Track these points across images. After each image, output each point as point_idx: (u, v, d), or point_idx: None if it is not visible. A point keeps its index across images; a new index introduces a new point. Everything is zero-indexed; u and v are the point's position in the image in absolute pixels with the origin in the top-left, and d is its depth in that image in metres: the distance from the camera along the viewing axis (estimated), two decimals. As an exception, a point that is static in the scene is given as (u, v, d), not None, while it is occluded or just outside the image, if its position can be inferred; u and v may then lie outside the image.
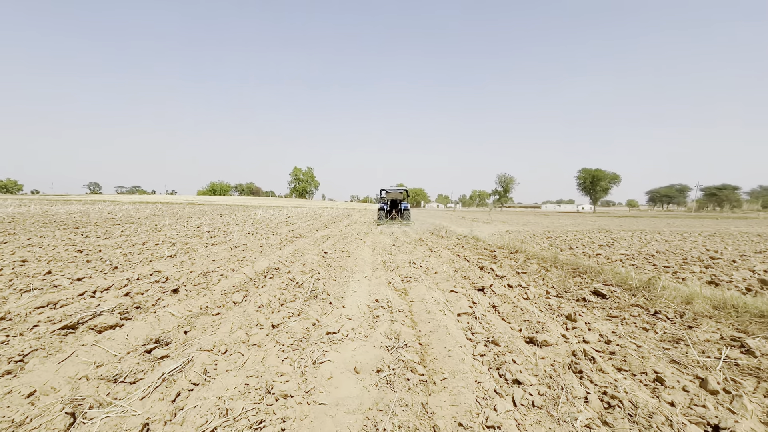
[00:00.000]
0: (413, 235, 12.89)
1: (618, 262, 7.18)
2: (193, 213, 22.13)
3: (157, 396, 2.22)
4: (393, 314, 3.83)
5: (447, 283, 5.39)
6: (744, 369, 2.67)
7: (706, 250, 9.24)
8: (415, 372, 2.57)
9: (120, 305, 3.68)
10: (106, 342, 2.86)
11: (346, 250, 8.47)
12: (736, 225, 23.98)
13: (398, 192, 19.81)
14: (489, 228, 18.25)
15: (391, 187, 20.22)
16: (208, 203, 48.85)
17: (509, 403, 2.22)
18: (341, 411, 2.13)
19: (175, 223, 13.89)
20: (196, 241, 8.70)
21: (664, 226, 22.30)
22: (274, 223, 16.32)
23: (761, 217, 45.29)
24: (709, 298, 4.18)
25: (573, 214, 66.85)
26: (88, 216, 15.62)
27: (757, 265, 6.79)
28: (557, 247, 9.79)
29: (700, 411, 2.15)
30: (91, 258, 5.97)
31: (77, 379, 2.39)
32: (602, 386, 2.42)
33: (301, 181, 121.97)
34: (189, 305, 3.92)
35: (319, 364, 2.66)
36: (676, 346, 3.14)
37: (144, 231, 10.50)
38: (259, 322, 3.56)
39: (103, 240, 8.31)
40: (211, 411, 2.04)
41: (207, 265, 5.79)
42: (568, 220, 30.91)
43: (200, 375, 2.47)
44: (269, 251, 7.73)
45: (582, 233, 14.94)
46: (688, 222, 29.17)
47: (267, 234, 11.13)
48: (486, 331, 3.40)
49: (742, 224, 25.61)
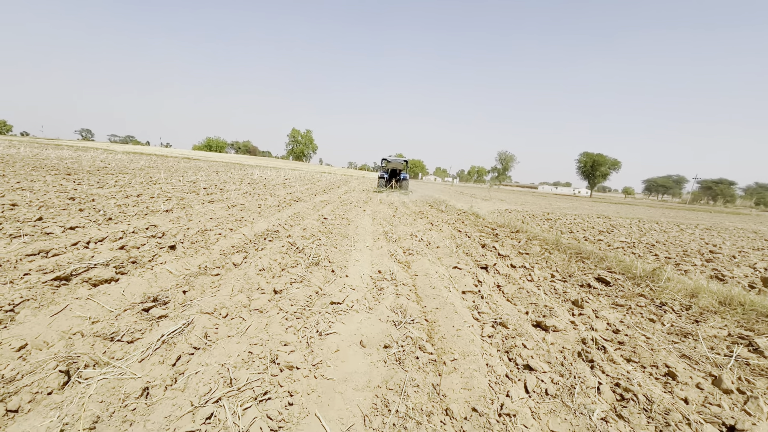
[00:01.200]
0: (413, 207, 12.75)
1: (619, 250, 7.15)
2: (189, 168, 21.64)
3: (157, 359, 2.11)
4: (397, 287, 3.74)
5: (450, 258, 5.30)
6: (755, 369, 2.63)
7: (705, 244, 9.25)
8: (424, 350, 2.49)
9: (115, 258, 3.53)
10: (102, 297, 2.72)
11: (346, 217, 8.32)
12: (730, 220, 24.16)
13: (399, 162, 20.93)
14: (488, 205, 18.17)
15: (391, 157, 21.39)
16: (204, 159, 47.90)
17: (522, 389, 2.16)
18: (350, 387, 2.05)
19: (170, 177, 13.55)
20: (192, 197, 8.47)
21: (660, 215, 22.39)
22: (271, 184, 16.03)
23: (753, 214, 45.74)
24: (715, 293, 4.13)
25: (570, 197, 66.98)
26: (80, 163, 15.17)
27: (757, 262, 6.79)
28: (558, 229, 9.74)
29: (716, 410, 2.11)
30: (84, 207, 5.75)
31: (71, 334, 2.27)
32: (614, 377, 2.37)
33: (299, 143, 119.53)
34: (187, 263, 3.78)
35: (324, 335, 2.56)
36: (684, 339, 3.10)
37: (138, 183, 10.20)
38: (260, 286, 3.45)
39: (96, 189, 8.04)
40: (214, 379, 1.94)
41: (204, 223, 5.61)
42: (566, 203, 30.92)
43: (201, 339, 2.36)
44: (268, 213, 7.55)
45: (581, 217, 14.91)
46: (682, 213, 29.33)
47: (265, 195, 10.90)
48: (493, 312, 3.33)
49: (735, 219, 25.82)
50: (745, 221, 24.15)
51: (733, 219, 26.52)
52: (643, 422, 1.94)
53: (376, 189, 19.68)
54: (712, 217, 26.44)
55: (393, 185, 20.46)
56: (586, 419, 1.92)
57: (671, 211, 31.80)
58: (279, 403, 1.81)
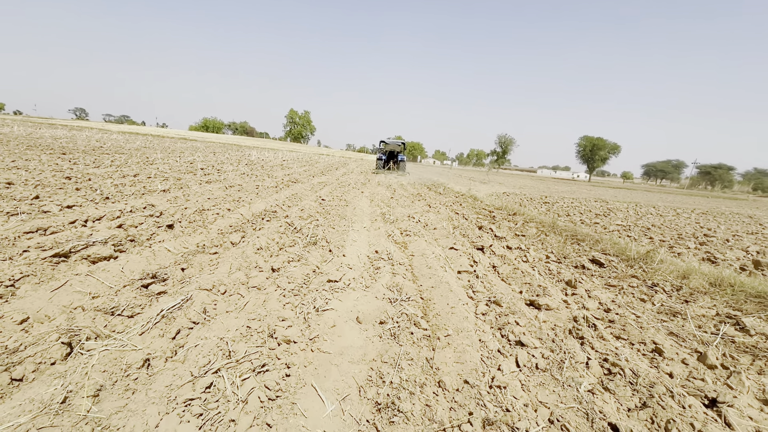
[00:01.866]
0: (411, 189, 12.75)
1: (615, 233, 7.21)
2: (186, 148, 21.44)
3: (157, 332, 2.16)
4: (394, 267, 3.79)
5: (446, 239, 5.34)
6: (740, 346, 2.71)
7: (700, 228, 9.33)
8: (419, 326, 2.55)
9: (113, 236, 3.55)
10: (101, 273, 2.75)
11: (344, 199, 8.32)
12: (727, 205, 24.28)
13: (397, 144, 21.72)
14: (486, 188, 18.16)
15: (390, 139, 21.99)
16: (201, 139, 47.38)
17: (513, 364, 2.22)
18: (346, 360, 2.10)
19: (167, 157, 13.44)
20: (189, 178, 8.43)
21: (658, 200, 22.46)
22: (269, 165, 15.94)
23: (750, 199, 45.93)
24: (706, 274, 4.20)
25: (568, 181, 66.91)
26: (75, 142, 14.99)
27: (750, 245, 6.87)
28: (555, 212, 9.78)
29: (699, 384, 2.18)
30: (80, 186, 5.73)
31: (72, 308, 2.31)
32: (603, 353, 2.44)
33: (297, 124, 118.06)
34: (185, 242, 3.80)
35: (321, 311, 2.61)
36: (673, 318, 3.18)
37: (135, 163, 10.13)
38: (258, 264, 3.48)
39: (92, 168, 7.99)
40: (213, 351, 1.99)
41: (202, 203, 5.62)
42: (564, 187, 30.91)
43: (200, 314, 2.41)
44: (265, 194, 7.55)
45: (578, 201, 14.95)
46: (680, 198, 29.43)
47: (262, 176, 10.86)
48: (487, 291, 3.39)
49: (732, 204, 25.94)
50: (741, 206, 24.27)
51: (729, 204, 26.64)
52: (628, 394, 2.02)
53: (375, 170, 20.54)
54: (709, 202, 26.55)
55: (391, 167, 21.18)
56: (573, 391, 1.99)
57: (669, 196, 31.87)
58: (276, 375, 1.86)
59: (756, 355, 2.59)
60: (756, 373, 2.41)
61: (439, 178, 22.73)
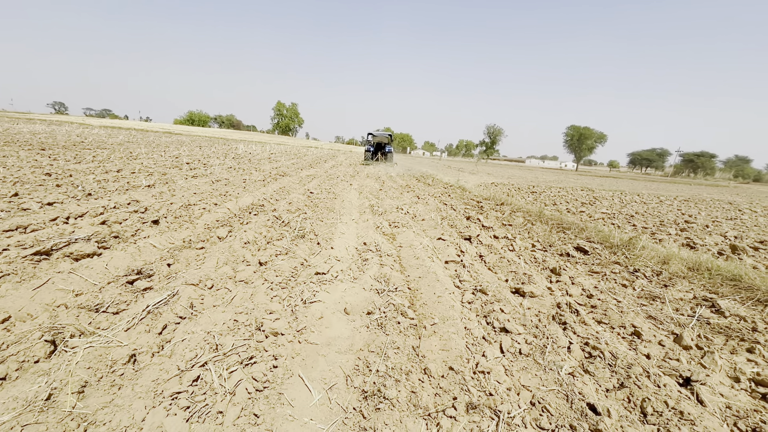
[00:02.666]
0: (400, 181, 12.76)
1: (600, 221, 7.35)
2: (171, 143, 21.03)
3: (143, 328, 2.15)
4: (382, 258, 3.82)
5: (434, 230, 5.39)
6: (714, 327, 2.82)
7: (682, 214, 9.57)
8: (406, 316, 2.59)
9: (97, 233, 3.50)
10: (84, 270, 2.72)
11: (332, 191, 8.30)
12: (709, 192, 24.89)
13: (384, 136, 22.45)
14: (475, 179, 18.27)
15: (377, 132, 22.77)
16: (186, 133, 46.49)
17: (497, 350, 2.28)
18: (333, 351, 2.13)
19: (151, 152, 13.19)
20: (175, 172, 8.31)
21: (642, 188, 22.90)
22: (256, 158, 15.76)
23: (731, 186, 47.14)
24: (685, 259, 4.33)
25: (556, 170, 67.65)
26: (54, 138, 14.58)
27: (728, 231, 7.08)
28: (542, 202, 9.92)
29: (674, 364, 2.27)
30: (61, 182, 5.61)
31: (55, 306, 2.28)
32: (584, 337, 2.51)
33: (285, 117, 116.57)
34: (171, 237, 3.77)
35: (309, 303, 2.63)
36: (652, 302, 3.28)
37: (118, 158, 9.92)
38: (245, 258, 3.48)
39: (73, 164, 7.81)
40: (200, 345, 1.99)
41: (188, 198, 5.55)
42: (552, 177, 31.27)
43: (187, 309, 2.41)
44: (253, 187, 7.48)
45: (565, 190, 15.16)
46: (664, 186, 30.04)
47: (250, 170, 10.74)
48: (474, 280, 3.44)
49: (714, 191, 26.60)
50: (722, 193, 24.90)
51: (711, 191, 27.31)
52: (607, 375, 2.09)
53: (363, 162, 21.48)
54: (692, 189, 27.17)
55: (379, 158, 21.94)
56: (554, 374, 2.06)
57: (653, 184, 32.51)
58: (264, 366, 1.88)
59: (729, 335, 2.70)
60: (729, 352, 2.52)
61: (428, 169, 22.76)
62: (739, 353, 2.49)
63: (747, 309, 3.14)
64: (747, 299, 3.34)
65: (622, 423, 1.72)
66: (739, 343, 2.61)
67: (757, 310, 3.12)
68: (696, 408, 1.86)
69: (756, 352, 2.47)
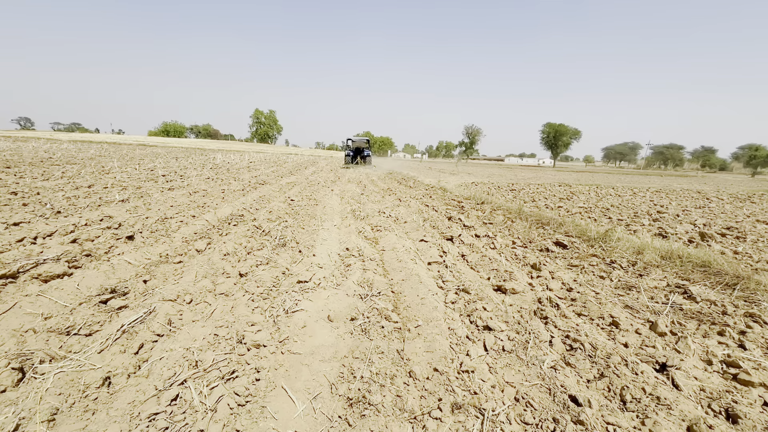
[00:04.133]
0: (381, 184, 12.79)
1: (577, 215, 7.54)
2: (145, 155, 20.48)
3: (118, 348, 2.08)
4: (365, 263, 3.81)
5: (417, 232, 5.41)
6: (687, 313, 2.92)
7: (654, 205, 9.92)
8: (389, 320, 2.59)
9: (67, 252, 3.36)
10: (54, 292, 2.61)
11: (313, 198, 8.25)
12: (678, 182, 25.89)
13: (362, 141, 24.48)
14: (455, 179, 18.47)
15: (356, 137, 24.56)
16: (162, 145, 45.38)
17: (481, 348, 2.30)
18: (317, 360, 2.11)
19: (125, 165, 12.81)
20: (150, 185, 8.09)
21: (617, 181, 23.63)
22: (235, 168, 15.51)
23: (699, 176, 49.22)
24: (658, 248, 4.49)
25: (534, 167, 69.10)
26: (20, 155, 13.99)
27: (697, 219, 7.38)
28: (521, 199, 10.10)
29: (651, 351, 2.34)
30: (28, 201, 5.38)
31: (23, 332, 2.18)
32: (565, 330, 2.56)
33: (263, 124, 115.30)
34: (147, 253, 3.66)
35: (291, 313, 2.60)
36: (629, 292, 3.38)
37: (89, 173, 9.59)
38: (225, 270, 3.41)
39: (41, 182, 7.50)
40: (178, 363, 1.94)
41: (164, 211, 5.41)
42: (530, 174, 31.93)
43: (164, 326, 2.34)
44: (232, 198, 7.36)
45: (544, 186, 15.50)
46: (637, 178, 31.07)
47: (228, 180, 10.56)
48: (456, 280, 3.47)
49: (683, 181, 27.69)
50: (691, 182, 25.96)
51: (681, 181, 28.41)
52: (588, 367, 2.14)
53: (344, 165, 22.98)
54: (663, 180, 28.21)
55: (358, 161, 23.46)
56: (537, 369, 2.09)
57: (627, 177, 33.59)
58: (246, 380, 1.85)
59: (701, 320, 2.81)
60: (701, 336, 2.62)
61: (409, 171, 22.88)
62: (710, 337, 2.59)
63: (717, 293, 3.28)
64: (716, 284, 3.48)
65: (602, 412, 1.77)
66: (711, 327, 2.71)
67: (726, 294, 3.26)
68: (672, 392, 1.92)
69: (726, 335, 2.58)
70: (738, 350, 2.40)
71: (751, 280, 3.40)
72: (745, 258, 4.50)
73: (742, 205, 10.87)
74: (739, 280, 3.46)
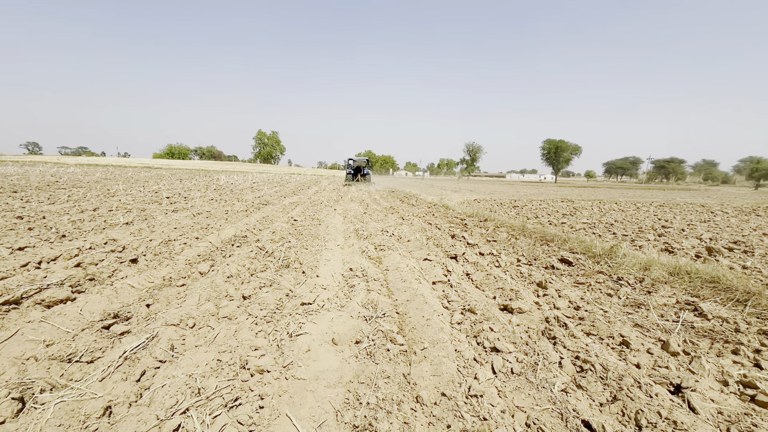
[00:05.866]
0: (384, 203, 12.82)
1: (581, 231, 7.50)
2: (150, 177, 20.74)
3: (119, 376, 2.05)
4: (369, 283, 3.78)
5: (420, 251, 5.39)
6: (699, 331, 2.86)
7: (658, 220, 9.86)
8: (395, 342, 2.54)
9: (71, 277, 3.36)
10: (57, 318, 2.60)
11: (316, 217, 8.26)
12: (681, 196, 25.83)
13: (362, 161, 27.30)
14: (457, 196, 18.50)
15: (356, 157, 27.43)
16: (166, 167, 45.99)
17: (489, 371, 2.25)
18: (321, 385, 2.06)
19: (130, 187, 12.95)
20: (154, 208, 8.15)
21: (619, 196, 23.60)
22: (238, 188, 15.63)
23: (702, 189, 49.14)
24: (665, 264, 4.44)
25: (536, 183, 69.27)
26: (27, 179, 14.20)
27: (703, 233, 7.31)
28: (524, 215, 10.08)
29: (664, 372, 2.28)
30: (33, 225, 5.42)
31: (24, 360, 2.15)
32: (575, 351, 2.51)
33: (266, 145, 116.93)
34: (150, 276, 3.65)
35: (295, 336, 2.56)
36: (638, 310, 3.32)
37: (95, 196, 9.69)
38: (228, 293, 3.39)
39: (47, 205, 7.58)
40: (181, 390, 1.90)
41: (168, 233, 5.43)
42: (532, 190, 31.98)
43: (167, 351, 2.31)
44: (235, 218, 7.38)
45: (546, 202, 15.49)
46: (639, 192, 31.04)
47: (232, 200, 10.63)
48: (462, 299, 3.43)
49: (686, 195, 27.63)
50: (694, 196, 25.89)
51: (684, 195, 28.36)
52: (599, 389, 2.08)
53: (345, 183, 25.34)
54: (666, 194, 28.15)
55: (359, 179, 25.97)
56: (547, 392, 2.03)
57: (629, 191, 33.56)
58: (249, 408, 1.80)
59: (714, 338, 2.75)
60: (715, 355, 2.55)
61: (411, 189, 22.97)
62: (725, 356, 2.53)
63: (728, 310, 3.21)
64: (727, 300, 3.42)
65: (618, 438, 1.70)
66: (724, 345, 2.65)
67: (738, 311, 3.19)
68: (689, 416, 1.86)
69: (741, 353, 2.51)
70: (754, 370, 2.34)
71: (762, 295, 3.34)
72: (755, 273, 4.43)
73: (747, 218, 10.79)
74: (750, 296, 3.40)
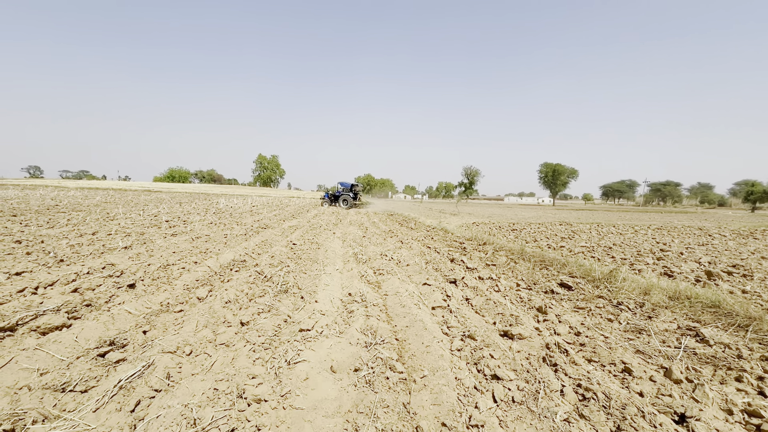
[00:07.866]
0: (383, 226, 12.85)
1: (580, 254, 7.50)
2: (150, 201, 20.82)
3: (114, 406, 2.01)
4: (368, 309, 3.75)
5: (419, 275, 5.37)
6: (701, 357, 2.83)
7: (657, 243, 9.88)
8: (395, 370, 2.51)
9: (67, 303, 3.34)
10: (52, 345, 2.56)
11: (315, 241, 8.27)
12: (679, 219, 25.95)
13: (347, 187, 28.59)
14: (456, 220, 18.56)
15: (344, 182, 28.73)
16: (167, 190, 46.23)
17: (490, 399, 2.21)
18: (320, 415, 2.03)
19: (129, 211, 12.98)
20: (153, 231, 8.15)
21: (617, 219, 23.71)
22: (238, 212, 15.68)
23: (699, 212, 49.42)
24: (665, 289, 4.42)
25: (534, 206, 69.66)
26: (27, 203, 14.25)
27: (702, 257, 7.32)
28: (523, 239, 10.10)
29: (667, 400, 2.25)
30: (31, 250, 5.41)
31: (17, 389, 2.12)
32: (576, 378, 2.47)
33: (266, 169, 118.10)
34: (148, 302, 3.63)
35: (293, 364, 2.53)
36: (639, 335, 3.30)
37: (94, 220, 9.71)
38: (226, 319, 3.36)
39: (45, 229, 7.58)
40: (176, 421, 1.86)
41: (167, 258, 5.41)
42: (530, 213, 32.13)
43: (163, 380, 2.27)
44: (234, 243, 7.38)
45: (545, 225, 15.54)
46: (637, 215, 31.19)
47: (231, 224, 10.65)
48: (461, 325, 3.40)
49: (683, 218, 27.75)
50: (691, 219, 26.00)
51: (681, 218, 28.48)
52: (603, 419, 2.04)
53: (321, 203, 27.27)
54: (663, 217, 28.28)
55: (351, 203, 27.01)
56: (549, 422, 2.00)
57: (627, 214, 33.73)
58: (246, 440, 1.76)
59: (716, 365, 2.72)
60: (719, 383, 2.52)
61: (410, 212, 23.08)
62: (728, 383, 2.50)
63: (730, 336, 3.19)
64: (728, 325, 3.40)
65: (622, 471, 1.67)
66: (727, 372, 2.62)
67: (740, 336, 3.17)
68: (694, 447, 1.82)
69: (744, 381, 2.48)
70: (758, 398, 2.31)
71: (764, 321, 3.32)
72: (755, 297, 4.42)
73: (745, 241, 10.83)
74: (751, 321, 3.38)
